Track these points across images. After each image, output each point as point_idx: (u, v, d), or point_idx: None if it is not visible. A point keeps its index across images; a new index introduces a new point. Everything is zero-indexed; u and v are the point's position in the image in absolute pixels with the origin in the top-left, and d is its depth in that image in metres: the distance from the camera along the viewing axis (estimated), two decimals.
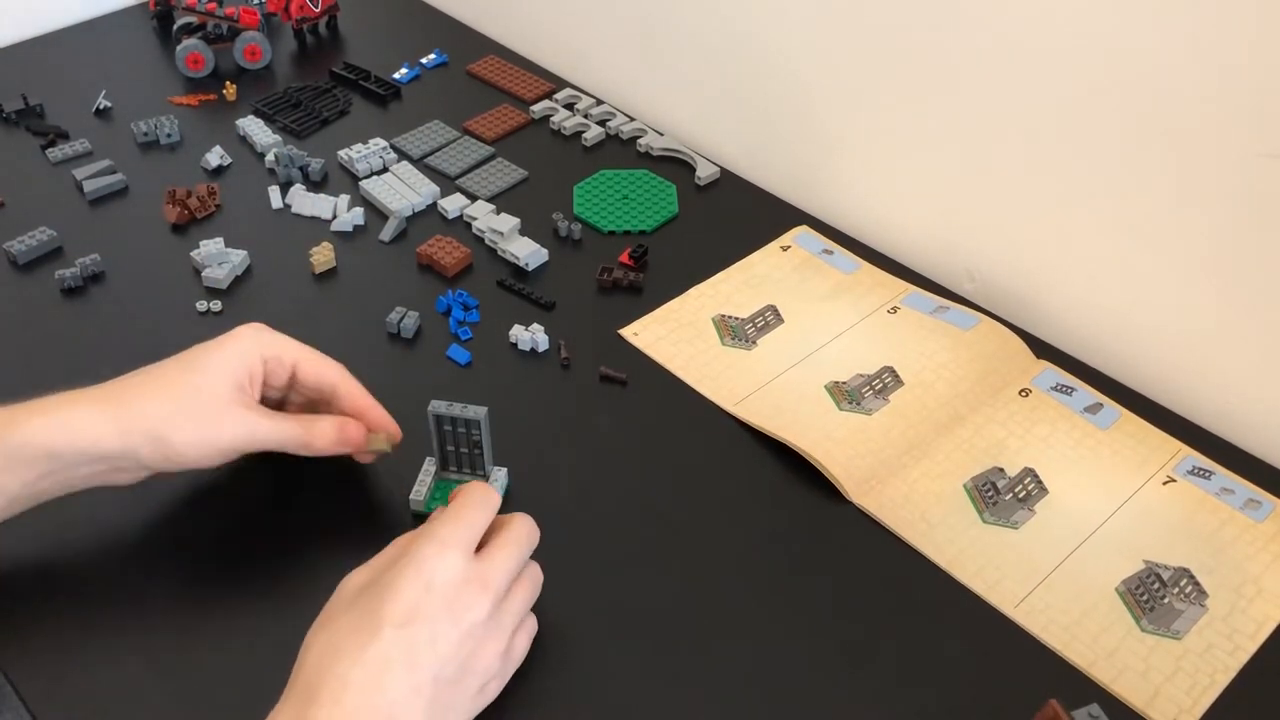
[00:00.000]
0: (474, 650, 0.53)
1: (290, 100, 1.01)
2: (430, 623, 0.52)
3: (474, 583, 0.54)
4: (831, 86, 0.86)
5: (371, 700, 0.50)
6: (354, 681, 0.50)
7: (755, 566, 0.64)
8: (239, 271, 0.83)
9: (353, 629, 0.52)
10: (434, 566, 0.53)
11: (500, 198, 0.91)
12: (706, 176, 0.93)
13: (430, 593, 0.52)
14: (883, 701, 0.58)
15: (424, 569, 0.53)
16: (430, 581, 0.52)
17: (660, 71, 1.00)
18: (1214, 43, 0.64)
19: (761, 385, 0.76)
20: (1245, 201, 0.67)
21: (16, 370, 0.75)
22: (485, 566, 0.54)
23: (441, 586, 0.52)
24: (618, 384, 0.76)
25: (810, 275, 0.84)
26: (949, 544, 0.66)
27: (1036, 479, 0.70)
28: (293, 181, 0.92)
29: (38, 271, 0.83)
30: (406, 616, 0.51)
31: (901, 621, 0.62)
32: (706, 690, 0.58)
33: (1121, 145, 0.71)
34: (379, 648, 0.50)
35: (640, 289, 0.83)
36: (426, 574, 0.52)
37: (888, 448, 0.71)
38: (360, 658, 0.50)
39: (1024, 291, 0.81)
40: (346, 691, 0.49)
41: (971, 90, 0.77)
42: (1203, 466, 0.70)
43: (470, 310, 0.80)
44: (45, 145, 0.95)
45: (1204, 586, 0.64)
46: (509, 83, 1.05)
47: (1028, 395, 0.75)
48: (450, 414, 0.63)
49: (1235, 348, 0.72)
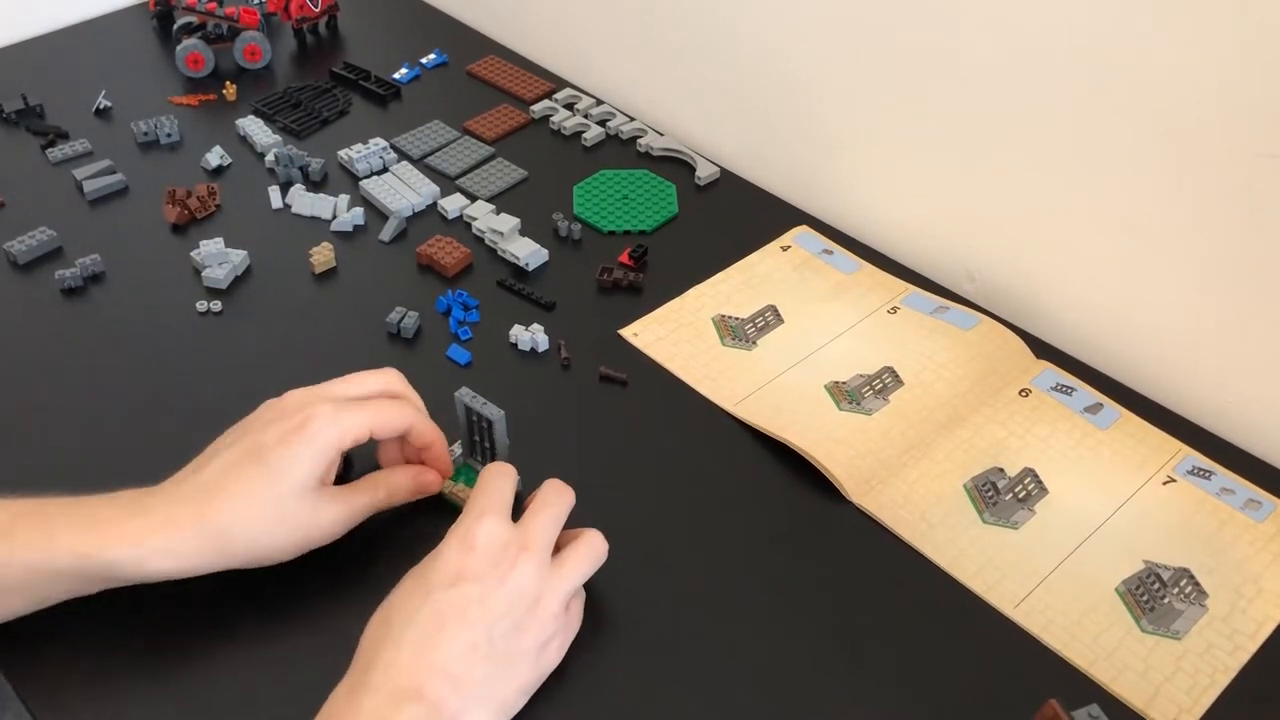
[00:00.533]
0: (528, 609, 0.54)
1: (290, 100, 1.01)
2: (478, 581, 0.53)
3: (515, 544, 0.55)
4: (831, 86, 0.86)
5: (428, 658, 0.51)
6: (408, 641, 0.51)
7: (755, 566, 0.64)
8: (239, 271, 0.83)
9: (403, 599, 0.54)
10: (475, 531, 0.55)
11: (500, 198, 0.91)
12: (706, 176, 0.93)
13: (474, 554, 0.54)
14: (882, 701, 0.58)
15: (466, 535, 0.55)
16: (473, 545, 0.54)
17: (660, 71, 1.00)
18: (1214, 43, 0.64)
19: (761, 385, 0.76)
20: (1245, 201, 0.67)
21: (16, 370, 0.75)
22: (524, 529, 0.56)
23: (484, 548, 0.54)
24: (618, 384, 0.76)
25: (810, 275, 0.84)
26: (949, 544, 0.66)
27: (1036, 479, 0.70)
28: (293, 181, 0.92)
29: (38, 271, 0.83)
30: (454, 577, 0.53)
31: (901, 621, 0.62)
32: (707, 690, 0.58)
33: (1121, 145, 0.71)
34: (430, 608, 0.52)
35: (640, 289, 0.83)
36: (469, 539, 0.55)
37: (888, 448, 0.71)
38: (413, 619, 0.52)
39: (1024, 291, 0.81)
40: (401, 652, 0.51)
41: (972, 90, 0.77)
42: (1203, 466, 0.70)
43: (470, 310, 0.80)
44: (45, 145, 0.95)
45: (1204, 586, 0.64)
46: (509, 83, 1.05)
47: (1028, 395, 0.75)
48: (473, 405, 0.64)
49: (1235, 347, 0.72)
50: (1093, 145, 0.72)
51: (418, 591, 0.53)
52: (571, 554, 0.58)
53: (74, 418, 0.72)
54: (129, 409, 0.73)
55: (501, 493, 0.58)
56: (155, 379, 0.75)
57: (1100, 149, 0.72)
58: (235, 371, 0.76)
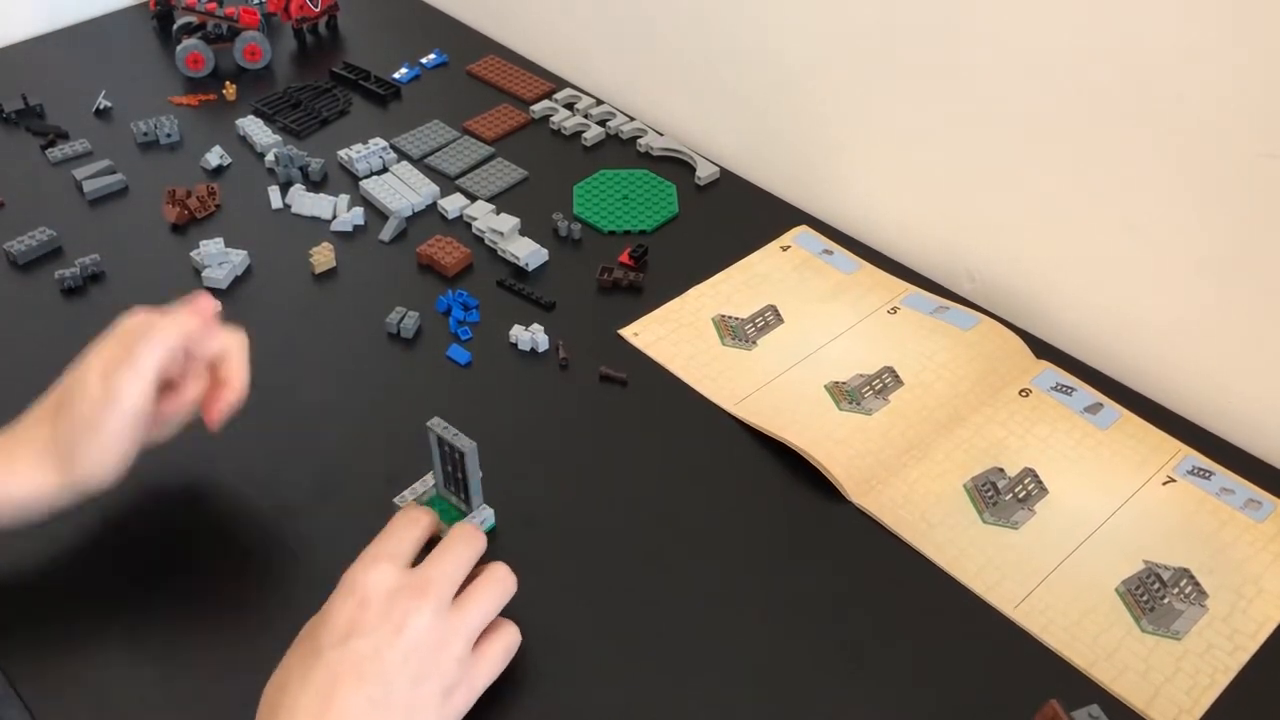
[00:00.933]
0: (427, 656, 0.52)
1: (290, 100, 1.01)
2: (370, 634, 0.51)
3: (408, 589, 0.53)
4: (831, 86, 0.86)
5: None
6: (303, 707, 0.49)
7: (755, 566, 0.64)
8: (239, 272, 0.83)
9: (296, 661, 0.51)
10: (364, 581, 0.52)
11: (500, 198, 0.91)
12: (706, 176, 0.93)
13: (364, 607, 0.52)
14: (883, 702, 0.58)
15: (355, 586, 0.52)
16: (363, 597, 0.52)
17: (660, 71, 1.00)
18: (1214, 43, 0.64)
19: (761, 385, 0.76)
20: (1245, 201, 0.67)
21: (16, 370, 0.75)
22: (421, 573, 0.54)
23: (375, 599, 0.52)
24: (618, 384, 0.76)
25: (810, 275, 0.84)
26: (949, 544, 0.66)
27: (1036, 479, 0.70)
28: (293, 181, 0.92)
29: (38, 271, 0.83)
30: (344, 633, 0.51)
31: (901, 622, 0.62)
32: (706, 690, 0.58)
33: (1121, 145, 0.71)
34: (322, 669, 0.50)
35: (640, 289, 0.83)
36: (359, 590, 0.52)
37: (888, 448, 0.71)
38: (306, 683, 0.50)
39: (1024, 291, 0.81)
40: (297, 717, 0.48)
41: (972, 90, 0.77)
42: (1203, 466, 0.70)
43: (470, 310, 0.80)
44: (45, 145, 0.95)
45: (1204, 587, 0.64)
46: (509, 83, 1.05)
47: (1028, 395, 0.75)
48: (444, 436, 0.60)
49: (1236, 347, 0.72)
50: (1093, 145, 0.72)
51: (309, 653, 0.51)
52: (472, 592, 0.55)
53: None
54: None
55: (401, 541, 0.55)
56: None
57: (1100, 149, 0.72)
58: None
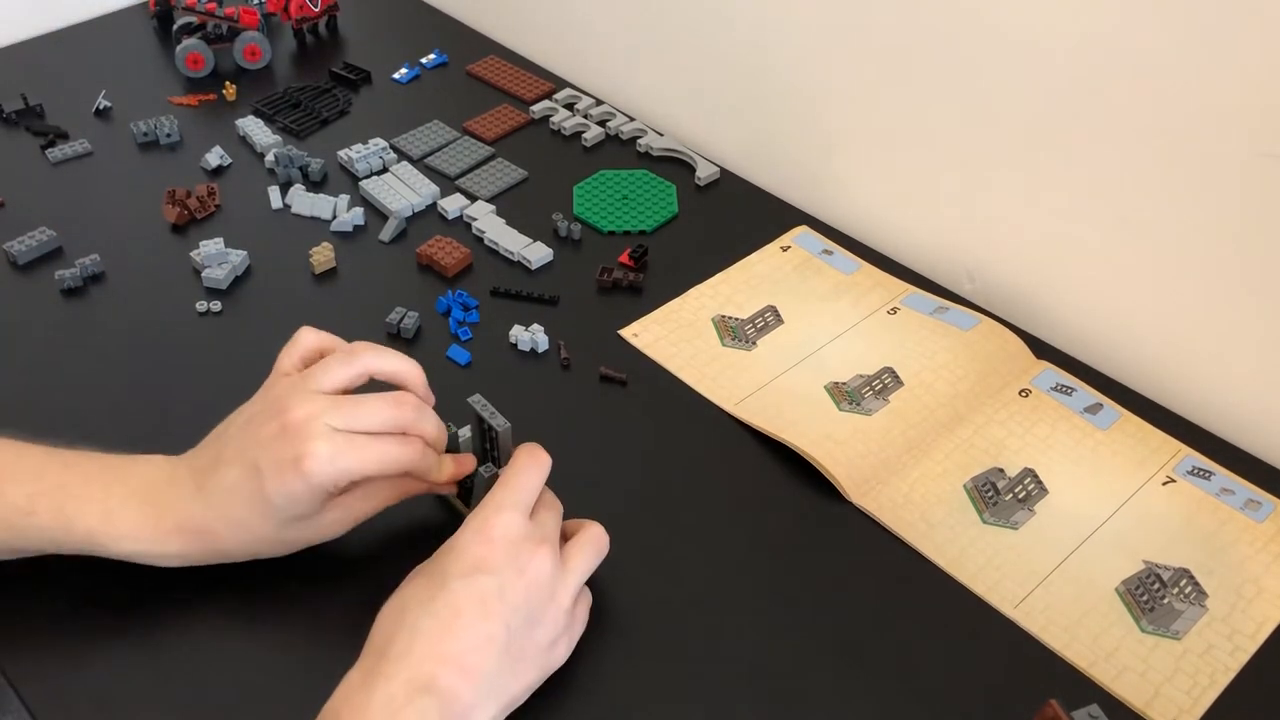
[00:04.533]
0: (543, 603, 0.54)
1: (290, 100, 1.01)
2: (497, 573, 0.53)
3: (533, 538, 0.55)
4: (831, 86, 0.86)
5: (444, 647, 0.50)
6: (424, 630, 0.51)
7: (755, 567, 0.64)
8: (239, 272, 0.83)
9: (420, 588, 0.53)
10: (494, 523, 0.54)
11: (500, 198, 0.91)
12: (706, 176, 0.93)
13: (493, 546, 0.53)
14: (882, 702, 0.58)
15: (484, 527, 0.54)
16: (491, 536, 0.54)
17: (660, 71, 1.00)
18: (1214, 42, 0.64)
19: (761, 385, 0.76)
20: (1245, 201, 0.67)
21: (17, 370, 0.75)
22: (541, 526, 0.56)
23: (503, 540, 0.54)
24: (618, 384, 0.76)
25: (810, 276, 0.84)
26: (949, 544, 0.66)
27: (1036, 479, 0.70)
28: (292, 181, 0.92)
29: (38, 272, 0.83)
30: (472, 568, 0.53)
31: (901, 622, 0.62)
32: (706, 690, 0.58)
33: (1121, 145, 0.71)
34: (447, 598, 0.52)
35: (640, 289, 0.83)
36: (487, 531, 0.54)
37: (888, 448, 0.71)
38: (430, 607, 0.51)
39: (1024, 291, 0.81)
40: (417, 640, 0.50)
41: (971, 90, 0.77)
42: (1203, 467, 0.70)
43: (470, 310, 0.80)
44: (45, 145, 0.95)
45: (1204, 587, 0.64)
46: (509, 83, 1.05)
47: (1028, 395, 0.75)
48: (483, 414, 0.62)
49: (1235, 348, 0.72)
50: (1093, 145, 0.72)
51: (433, 582, 0.53)
52: (576, 548, 0.57)
53: (74, 418, 0.72)
54: (129, 409, 0.73)
55: (524, 490, 0.56)
56: (155, 379, 0.75)
57: (1100, 149, 0.72)
58: (235, 371, 0.75)
